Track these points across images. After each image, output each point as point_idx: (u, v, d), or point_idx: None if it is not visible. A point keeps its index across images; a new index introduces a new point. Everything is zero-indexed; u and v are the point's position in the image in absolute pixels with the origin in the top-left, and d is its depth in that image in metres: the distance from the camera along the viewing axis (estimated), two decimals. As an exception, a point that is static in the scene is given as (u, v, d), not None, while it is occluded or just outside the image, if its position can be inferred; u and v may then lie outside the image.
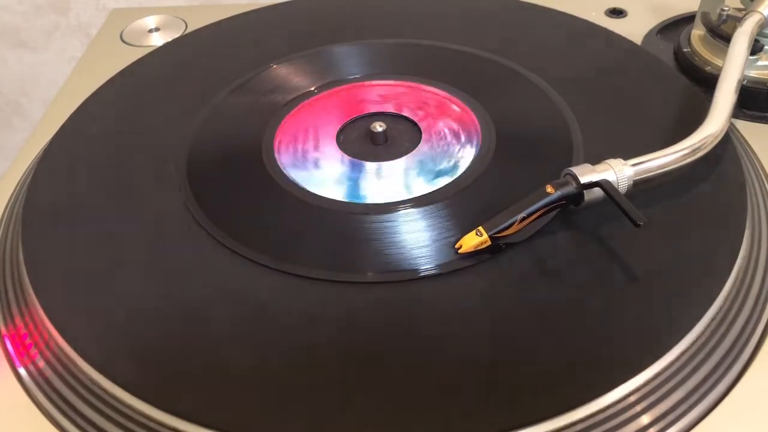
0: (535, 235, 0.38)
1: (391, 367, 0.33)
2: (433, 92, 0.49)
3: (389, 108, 0.48)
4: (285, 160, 0.44)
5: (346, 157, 0.45)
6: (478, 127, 0.46)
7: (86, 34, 0.88)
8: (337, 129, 0.47)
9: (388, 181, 0.43)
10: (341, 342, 0.34)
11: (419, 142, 0.45)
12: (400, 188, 0.42)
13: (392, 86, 0.50)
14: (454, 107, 0.48)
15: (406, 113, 0.48)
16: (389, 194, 0.41)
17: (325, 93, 0.50)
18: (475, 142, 0.45)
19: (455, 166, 0.43)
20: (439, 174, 0.43)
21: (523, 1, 0.59)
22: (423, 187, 0.42)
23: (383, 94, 0.50)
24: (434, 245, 0.38)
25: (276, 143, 0.45)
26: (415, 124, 0.47)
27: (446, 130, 0.46)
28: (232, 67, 0.52)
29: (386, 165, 0.44)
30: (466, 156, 0.44)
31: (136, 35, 0.63)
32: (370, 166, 0.44)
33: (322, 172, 0.44)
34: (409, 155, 0.44)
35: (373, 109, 0.49)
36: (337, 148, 0.46)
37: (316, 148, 0.46)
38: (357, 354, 0.33)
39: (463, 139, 0.45)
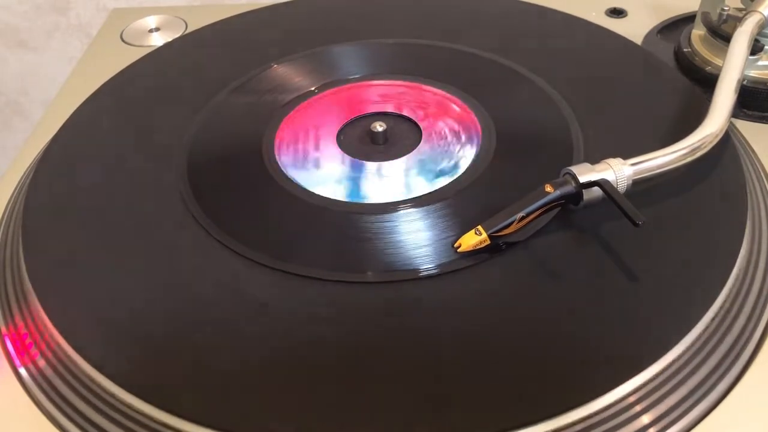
0: (534, 234, 0.38)
1: (390, 367, 0.33)
2: (433, 92, 0.49)
3: (389, 108, 0.48)
4: (285, 160, 0.44)
5: (347, 157, 0.45)
6: (478, 127, 0.46)
7: (86, 34, 0.88)
8: (338, 129, 0.47)
9: (388, 180, 0.43)
10: (341, 342, 0.34)
11: (419, 142, 0.45)
12: (400, 188, 0.42)
13: (392, 86, 0.50)
14: (454, 107, 0.48)
15: (406, 113, 0.48)
16: (389, 194, 0.41)
17: (325, 93, 0.50)
18: (475, 142, 0.45)
19: (455, 166, 0.43)
20: (440, 174, 0.43)
21: (523, 1, 0.59)
22: (423, 187, 0.42)
23: (383, 94, 0.50)
24: (434, 245, 0.38)
25: (276, 143, 0.45)
26: (415, 123, 0.47)
27: (446, 130, 0.46)
28: (232, 67, 0.52)
29: (386, 165, 0.44)
30: (466, 156, 0.44)
31: (136, 35, 0.63)
32: (370, 166, 0.44)
33: (323, 172, 0.44)
34: (409, 155, 0.44)
35: (374, 108, 0.49)
36: (338, 147, 0.46)
37: (317, 147, 0.46)
38: (357, 354, 0.33)
39: (463, 138, 0.45)
